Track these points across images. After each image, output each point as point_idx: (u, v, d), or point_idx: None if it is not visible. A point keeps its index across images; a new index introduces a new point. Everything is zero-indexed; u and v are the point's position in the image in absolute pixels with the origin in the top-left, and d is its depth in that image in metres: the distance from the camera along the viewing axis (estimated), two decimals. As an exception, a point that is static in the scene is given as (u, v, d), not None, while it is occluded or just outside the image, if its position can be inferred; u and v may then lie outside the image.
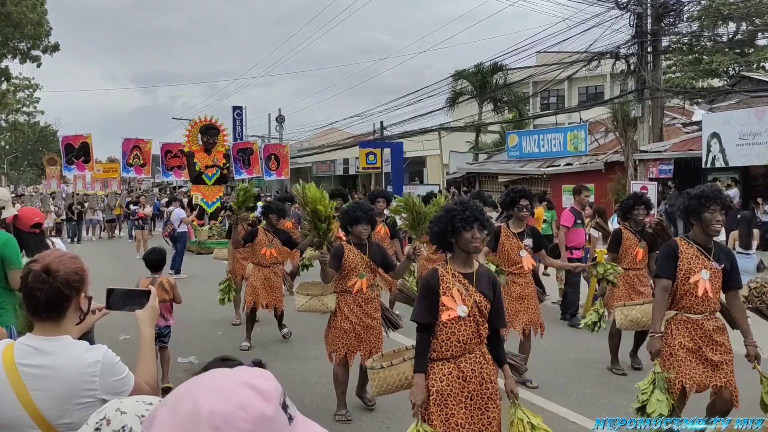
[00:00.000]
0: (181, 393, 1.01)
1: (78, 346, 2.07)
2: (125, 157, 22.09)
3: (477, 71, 29.60)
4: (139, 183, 38.87)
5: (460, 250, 3.55)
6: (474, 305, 3.46)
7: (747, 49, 25.47)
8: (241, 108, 39.25)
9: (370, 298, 5.44)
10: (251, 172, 22.45)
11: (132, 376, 2.10)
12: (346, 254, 5.38)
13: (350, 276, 5.39)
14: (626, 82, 20.03)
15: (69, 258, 2.15)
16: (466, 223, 3.45)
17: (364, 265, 5.41)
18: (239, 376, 1.02)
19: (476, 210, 3.51)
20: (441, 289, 3.48)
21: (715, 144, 15.21)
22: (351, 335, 5.35)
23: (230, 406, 0.96)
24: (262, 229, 8.14)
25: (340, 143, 36.03)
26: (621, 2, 17.70)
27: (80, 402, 1.97)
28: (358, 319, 5.36)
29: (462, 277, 3.53)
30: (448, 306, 3.45)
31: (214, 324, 9.22)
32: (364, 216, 5.41)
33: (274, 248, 8.03)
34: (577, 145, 21.16)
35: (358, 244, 5.46)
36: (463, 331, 3.45)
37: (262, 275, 8.01)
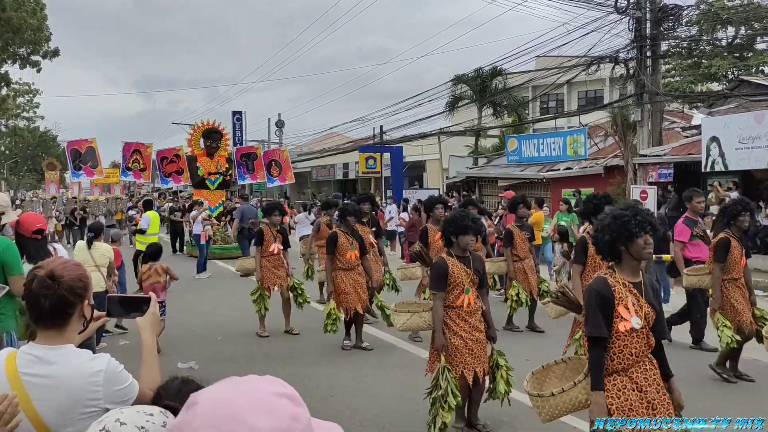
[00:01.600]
0: (221, 416, 1.01)
1: (81, 355, 2.06)
2: (125, 161, 22.09)
3: (476, 75, 29.63)
4: (139, 188, 38.87)
5: (630, 258, 3.40)
6: (644, 316, 3.35)
7: (746, 53, 25.53)
8: (241, 113, 39.30)
9: (474, 311, 5.09)
10: (255, 177, 22.41)
11: (136, 383, 2.09)
12: (450, 269, 5.02)
13: (455, 292, 5.03)
14: (625, 87, 20.04)
15: (73, 265, 2.14)
16: (640, 228, 3.33)
17: (468, 279, 5.05)
18: (266, 387, 1.06)
19: (647, 214, 3.41)
20: (616, 300, 3.32)
21: (715, 148, 15.20)
22: (464, 351, 4.98)
23: (284, 420, 1.01)
24: (342, 233, 7.96)
25: (340, 148, 36.04)
26: (620, 7, 17.71)
27: (84, 411, 1.96)
28: (468, 333, 5.01)
29: (632, 287, 3.39)
30: (624, 317, 3.30)
31: (214, 328, 9.21)
32: (472, 226, 5.03)
33: (356, 250, 7.92)
34: (577, 150, 21.17)
35: (461, 256, 5.10)
36: (635, 343, 3.33)
37: (351, 280, 7.85)
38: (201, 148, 19.56)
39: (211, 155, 19.68)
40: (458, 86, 30.72)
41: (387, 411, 5.66)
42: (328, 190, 39.47)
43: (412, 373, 6.45)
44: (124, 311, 2.40)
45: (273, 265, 8.90)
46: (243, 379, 1.09)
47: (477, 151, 30.87)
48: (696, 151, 16.11)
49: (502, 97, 29.90)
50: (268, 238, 8.94)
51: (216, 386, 1.07)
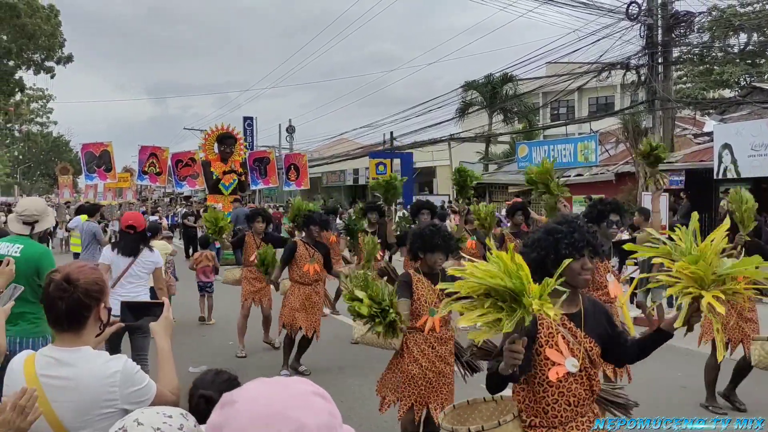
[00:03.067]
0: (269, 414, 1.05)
1: (98, 356, 2.10)
2: (141, 164, 22.15)
3: (487, 82, 29.66)
4: (151, 192, 39.05)
5: (563, 284, 2.65)
6: (585, 355, 2.73)
7: (758, 59, 25.41)
8: (252, 119, 39.48)
9: (444, 339, 4.52)
10: (268, 182, 22.40)
11: (153, 384, 2.13)
12: (414, 285, 4.47)
13: (419, 312, 4.44)
14: (637, 93, 20.03)
15: (89, 269, 2.19)
16: (574, 249, 2.70)
17: (435, 299, 4.43)
18: (302, 386, 1.12)
19: (587, 232, 2.77)
20: (542, 338, 2.70)
21: (727, 155, 15.14)
22: (421, 382, 4.42)
23: (324, 416, 1.08)
24: (302, 243, 7.33)
25: (350, 153, 36.11)
26: (631, 13, 17.71)
27: (101, 412, 1.99)
28: (430, 363, 4.43)
29: (567, 320, 2.76)
30: (555, 360, 2.69)
31: (225, 334, 9.23)
32: (442, 244, 4.46)
33: (316, 263, 7.23)
34: (588, 156, 21.13)
35: (429, 273, 4.53)
36: (574, 390, 2.71)
37: (302, 294, 7.17)
38: (215, 153, 19.69)
39: (225, 160, 19.78)
40: (469, 92, 30.76)
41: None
42: (338, 195, 39.55)
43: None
44: (138, 316, 2.43)
45: (254, 277, 8.12)
46: (275, 379, 1.13)
47: (487, 157, 30.86)
48: (708, 158, 16.05)
49: (512, 104, 29.90)
50: (251, 246, 8.20)
51: (250, 386, 1.12)
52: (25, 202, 4.78)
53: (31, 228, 4.50)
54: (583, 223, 2.83)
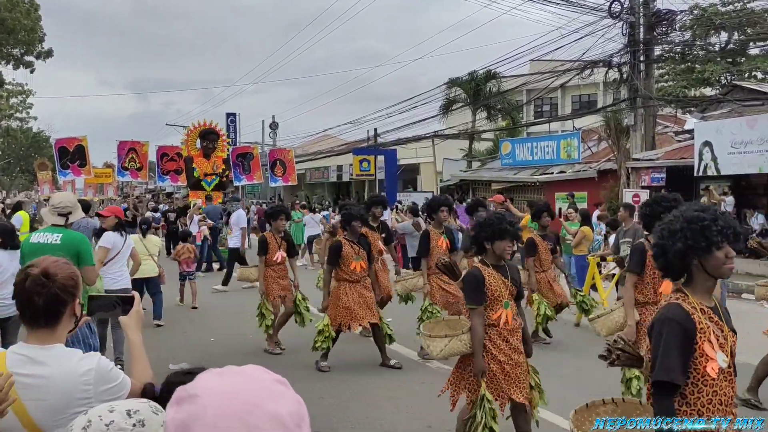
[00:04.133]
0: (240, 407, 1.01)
1: (71, 354, 2.07)
2: (120, 160, 21.86)
3: (471, 79, 29.69)
4: (133, 189, 38.74)
5: (704, 275, 2.59)
6: (730, 350, 2.58)
7: (739, 58, 25.66)
8: (235, 115, 39.28)
9: (515, 329, 4.38)
10: (252, 178, 22.23)
11: (128, 380, 2.11)
12: (487, 281, 4.29)
13: (494, 306, 4.30)
14: (619, 91, 20.15)
15: (64, 263, 2.15)
16: (722, 236, 2.53)
17: (507, 292, 4.32)
18: (263, 375, 1.09)
19: (730, 219, 2.61)
20: (698, 333, 2.51)
21: (707, 152, 15.28)
22: (501, 377, 4.29)
23: (293, 403, 1.06)
24: (347, 241, 7.11)
25: (334, 150, 36.03)
26: (614, 11, 17.80)
27: (75, 411, 1.96)
28: (507, 356, 4.30)
29: (711, 313, 2.60)
30: (710, 355, 2.50)
31: (206, 330, 9.19)
32: (510, 230, 4.32)
33: (362, 260, 7.10)
34: (570, 153, 21.23)
35: (497, 266, 4.38)
36: (724, 388, 2.53)
37: (355, 292, 7.03)
38: (197, 148, 19.55)
39: (208, 156, 19.65)
40: (452, 89, 30.77)
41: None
42: (321, 192, 39.46)
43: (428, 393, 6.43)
44: (108, 310, 2.39)
45: (278, 275, 8.06)
46: (228, 369, 1.08)
47: (471, 154, 30.92)
48: (689, 156, 16.18)
49: (496, 101, 29.95)
50: (273, 245, 8.05)
51: (207, 377, 1.06)
52: (59, 196, 5.40)
53: (66, 219, 5.08)
54: (722, 211, 2.71)
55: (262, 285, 7.97)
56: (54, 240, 4.95)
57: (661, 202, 5.01)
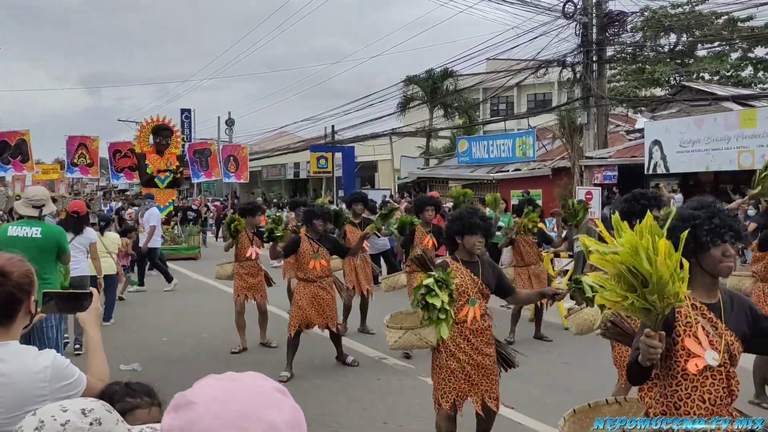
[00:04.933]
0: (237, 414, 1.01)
1: (28, 352, 2.06)
2: (70, 156, 21.24)
3: (428, 77, 29.86)
4: (84, 186, 37.83)
5: (702, 273, 2.57)
6: (725, 349, 2.52)
7: (687, 59, 26.36)
8: (190, 111, 38.64)
9: (481, 330, 4.24)
10: (210, 174, 21.84)
11: (83, 378, 2.11)
12: (452, 273, 4.19)
13: (458, 301, 4.19)
14: (573, 90, 20.49)
15: (18, 260, 2.13)
16: (716, 235, 2.50)
17: (475, 289, 4.23)
18: (263, 383, 1.08)
19: (728, 216, 2.57)
20: (680, 327, 2.52)
21: (657, 151, 15.67)
22: (460, 376, 4.20)
23: (290, 412, 1.05)
24: (306, 238, 6.90)
25: (291, 147, 35.80)
26: (567, 12, 18.09)
27: (31, 408, 1.90)
28: (467, 356, 4.20)
29: (707, 310, 2.56)
30: (694, 351, 2.50)
31: (157, 330, 9.01)
32: (481, 224, 4.20)
33: (322, 259, 6.87)
34: (526, 151, 21.53)
35: (468, 261, 4.28)
36: (709, 386, 2.50)
37: (309, 293, 6.80)
38: (150, 145, 19.09)
39: (161, 153, 19.23)
40: (410, 87, 30.91)
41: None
42: (278, 189, 39.17)
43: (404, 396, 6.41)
44: (64, 307, 2.39)
45: (247, 272, 7.91)
46: (228, 375, 1.09)
47: (428, 152, 31.10)
48: (639, 154, 16.57)
49: (452, 99, 30.20)
50: (244, 241, 7.87)
51: (206, 384, 1.06)
52: (33, 190, 5.72)
53: (40, 211, 5.35)
54: (722, 207, 2.63)
55: None
56: (34, 233, 5.23)
57: (640, 199, 4.82)
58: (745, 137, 13.85)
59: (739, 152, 13.98)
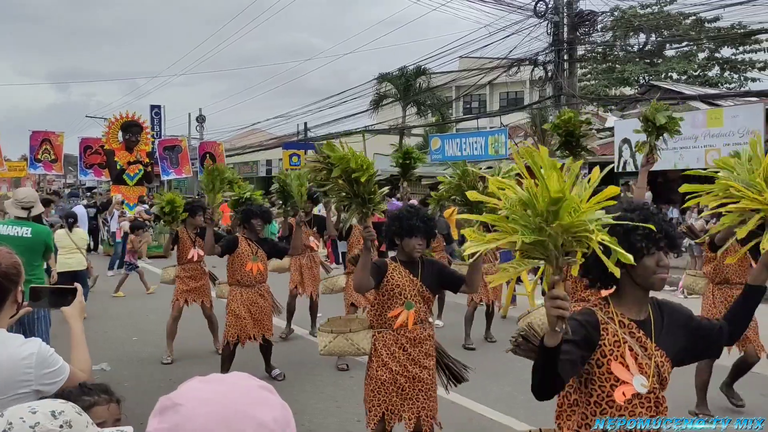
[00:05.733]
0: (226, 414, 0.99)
1: (13, 339, 2.13)
2: (33, 151, 20.85)
3: (401, 75, 29.85)
4: (50, 183, 37.14)
5: (633, 286, 2.27)
6: (655, 372, 2.24)
7: (656, 59, 26.77)
8: (160, 107, 38.08)
9: (419, 339, 3.92)
10: (180, 172, 21.54)
11: (67, 366, 2.18)
12: (389, 273, 3.90)
13: (391, 303, 3.88)
14: (544, 89, 20.66)
15: (6, 252, 2.20)
16: (650, 241, 2.19)
17: (414, 292, 3.90)
18: (249, 382, 1.07)
19: (662, 220, 2.25)
20: (606, 347, 2.21)
21: (626, 149, 15.89)
22: (391, 389, 3.87)
23: (279, 410, 1.05)
24: (244, 239, 6.42)
25: (263, 144, 35.54)
26: (539, 11, 18.24)
27: (16, 393, 2.02)
28: (401, 366, 3.86)
29: (636, 328, 2.27)
30: (621, 377, 2.20)
31: (129, 329, 8.89)
32: (421, 226, 3.89)
33: (260, 262, 6.42)
34: (498, 149, 21.66)
35: (407, 262, 3.98)
36: (638, 414, 2.22)
37: (247, 299, 6.31)
38: (119, 141, 18.79)
39: (130, 149, 18.93)
40: (383, 85, 30.88)
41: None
42: (251, 187, 38.88)
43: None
44: (50, 302, 2.45)
45: (189, 276, 7.51)
46: (213, 376, 1.08)
47: (401, 149, 31.12)
48: (609, 152, 16.78)
49: (425, 97, 30.23)
50: (185, 242, 7.49)
51: (192, 386, 1.05)
52: (22, 191, 6.01)
53: (28, 212, 5.57)
54: (657, 211, 2.29)
55: None
56: (25, 233, 5.49)
57: None
58: (712, 136, 14.12)
59: (706, 151, 14.25)
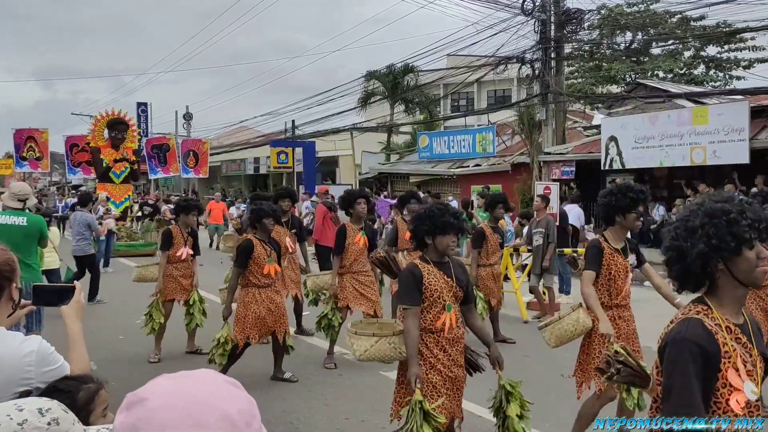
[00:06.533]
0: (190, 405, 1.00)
1: (13, 337, 2.13)
2: (18, 150, 20.63)
3: (389, 72, 29.85)
4: (36, 181, 36.80)
5: (734, 283, 2.09)
6: (759, 379, 2.11)
7: (642, 57, 26.91)
8: (146, 104, 37.92)
9: (456, 338, 3.81)
10: (168, 170, 21.40)
11: (67, 365, 2.19)
12: (425, 279, 3.75)
13: (432, 309, 3.74)
14: (531, 87, 20.71)
15: (1, 249, 2.19)
16: (756, 231, 2.04)
17: (450, 293, 3.79)
18: (214, 376, 1.08)
19: (759, 210, 2.10)
20: (722, 358, 2.01)
21: (613, 147, 15.97)
22: (442, 391, 3.74)
23: (244, 403, 1.05)
24: (257, 240, 6.26)
25: (251, 142, 35.42)
26: (526, 9, 18.28)
27: (17, 391, 2.01)
28: (446, 368, 3.74)
29: (739, 332, 2.10)
30: (734, 385, 2.01)
31: (115, 328, 8.84)
32: (454, 222, 3.79)
33: (275, 263, 6.32)
34: (486, 147, 21.72)
35: (438, 262, 3.84)
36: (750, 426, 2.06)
37: (266, 298, 6.21)
38: (105, 139, 18.67)
39: (117, 147, 18.81)
40: (370, 82, 30.86)
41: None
42: (238, 185, 38.73)
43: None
44: (51, 300, 2.46)
45: (181, 274, 7.42)
46: (180, 373, 1.09)
47: (389, 147, 31.12)
48: (596, 150, 16.86)
49: (413, 94, 30.24)
50: (178, 240, 7.39)
51: (157, 381, 1.06)
52: (18, 185, 6.63)
53: (24, 204, 6.29)
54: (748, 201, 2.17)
55: (160, 282, 7.29)
56: (21, 222, 6.16)
57: (627, 192, 4.36)
58: (697, 134, 14.21)
59: (691, 148, 14.34)
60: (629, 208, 4.35)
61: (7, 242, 5.66)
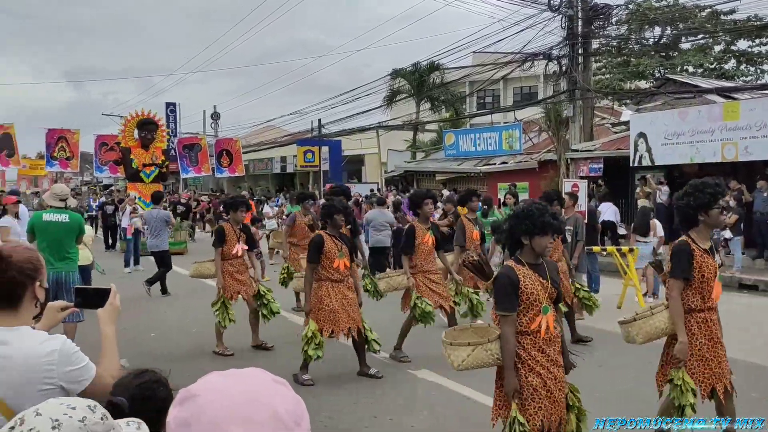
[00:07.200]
0: (239, 402, 1.05)
1: (36, 336, 2.13)
2: (50, 149, 20.90)
3: (414, 70, 29.83)
4: (67, 181, 37.46)
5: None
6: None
7: (672, 52, 26.54)
8: (175, 104, 38.31)
9: (553, 338, 3.74)
10: (200, 170, 21.52)
11: (92, 366, 2.17)
12: (522, 283, 3.66)
13: (528, 312, 3.67)
14: (558, 83, 20.54)
15: (23, 248, 2.21)
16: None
17: (546, 295, 3.70)
18: (263, 375, 1.12)
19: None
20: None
21: (642, 143, 15.76)
22: (544, 394, 3.65)
23: (292, 402, 1.08)
24: (328, 236, 6.31)
25: (278, 141, 35.66)
26: (553, 5, 18.13)
27: (41, 389, 2.03)
28: (545, 369, 3.67)
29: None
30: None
31: (147, 325, 8.98)
32: (554, 223, 3.72)
33: (345, 258, 6.34)
34: (512, 144, 21.60)
35: (534, 264, 3.75)
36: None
37: (338, 292, 6.27)
38: (135, 139, 18.91)
39: (146, 147, 19.05)
40: (396, 80, 30.86)
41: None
42: (265, 183, 39.03)
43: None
44: (90, 302, 2.48)
45: (236, 270, 7.59)
46: (231, 371, 1.13)
47: (415, 145, 31.10)
48: (624, 147, 16.66)
49: (439, 92, 30.19)
50: (231, 237, 7.55)
51: (209, 378, 1.11)
52: (59, 186, 7.47)
53: (65, 203, 7.03)
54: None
55: (220, 278, 7.45)
56: (63, 219, 6.92)
57: (704, 188, 4.23)
58: (729, 129, 13.97)
59: (722, 144, 14.10)
60: (710, 204, 4.17)
61: (52, 237, 6.86)
